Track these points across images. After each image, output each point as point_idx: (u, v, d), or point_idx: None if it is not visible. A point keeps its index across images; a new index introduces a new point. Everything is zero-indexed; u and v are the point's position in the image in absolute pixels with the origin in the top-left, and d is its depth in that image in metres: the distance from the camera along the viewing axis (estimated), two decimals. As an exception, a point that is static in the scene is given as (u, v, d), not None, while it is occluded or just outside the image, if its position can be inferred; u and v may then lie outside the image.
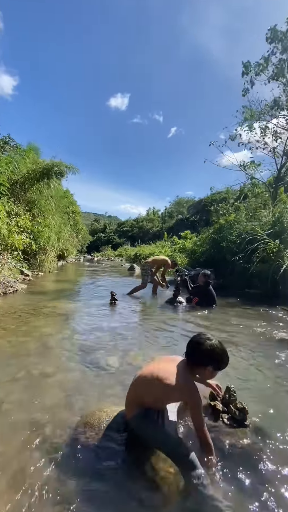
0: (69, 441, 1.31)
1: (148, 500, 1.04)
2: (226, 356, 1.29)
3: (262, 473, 1.17)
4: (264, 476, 1.16)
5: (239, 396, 1.56)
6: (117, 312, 4.22)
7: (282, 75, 9.55)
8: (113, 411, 1.44)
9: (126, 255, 23.89)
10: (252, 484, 1.12)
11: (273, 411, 1.64)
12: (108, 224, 52.91)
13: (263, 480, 1.14)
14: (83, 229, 23.55)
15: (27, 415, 1.50)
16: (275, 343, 2.92)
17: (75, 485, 1.08)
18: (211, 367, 1.27)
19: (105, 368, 2.13)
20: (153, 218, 43.16)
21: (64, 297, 5.22)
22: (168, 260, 5.80)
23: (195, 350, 1.29)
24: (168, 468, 1.17)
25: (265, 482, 1.13)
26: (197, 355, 1.28)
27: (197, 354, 1.28)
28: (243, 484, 1.12)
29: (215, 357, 1.26)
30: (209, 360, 1.26)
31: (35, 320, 3.45)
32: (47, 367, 2.11)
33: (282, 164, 10.74)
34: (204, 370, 1.28)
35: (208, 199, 23.19)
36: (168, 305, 4.81)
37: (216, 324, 3.61)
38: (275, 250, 5.75)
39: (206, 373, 1.29)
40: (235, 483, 1.12)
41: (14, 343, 2.62)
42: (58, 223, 11.46)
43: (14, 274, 6.11)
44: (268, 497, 1.06)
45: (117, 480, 1.11)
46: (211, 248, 8.49)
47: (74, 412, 1.54)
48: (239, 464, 1.21)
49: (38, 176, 8.88)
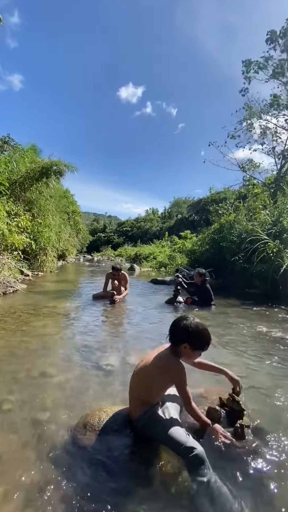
0: (69, 441, 1.31)
1: (152, 500, 1.04)
2: (202, 334, 1.33)
3: (262, 473, 1.17)
4: (264, 476, 1.16)
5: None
6: (117, 312, 4.22)
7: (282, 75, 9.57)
8: (113, 411, 1.44)
9: (126, 255, 23.91)
10: (251, 484, 1.12)
11: (273, 411, 1.64)
12: (108, 224, 52.89)
13: (262, 480, 1.14)
14: (83, 229, 23.54)
15: (27, 415, 1.50)
16: (275, 343, 2.92)
17: (75, 485, 1.08)
18: (188, 344, 1.32)
19: (105, 368, 2.13)
20: (152, 218, 43.18)
21: (64, 297, 5.22)
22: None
23: (172, 331, 1.37)
24: (173, 467, 1.17)
25: (265, 482, 1.13)
26: (175, 335, 1.36)
27: (174, 333, 1.36)
28: (242, 485, 1.12)
29: (190, 334, 1.31)
30: (185, 337, 1.32)
31: (35, 320, 3.45)
32: (47, 367, 2.11)
33: (282, 164, 10.75)
34: (184, 348, 1.33)
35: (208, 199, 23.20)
36: (168, 305, 4.82)
37: (216, 324, 3.61)
38: (275, 250, 5.76)
39: (186, 351, 1.34)
40: (234, 483, 1.12)
41: (14, 343, 2.62)
42: (58, 223, 11.46)
43: (14, 274, 6.11)
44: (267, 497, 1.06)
45: (118, 480, 1.11)
46: (211, 248, 8.50)
47: (74, 412, 1.54)
48: (238, 464, 1.21)
49: (37, 175, 8.87)
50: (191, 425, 1.38)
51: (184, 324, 1.33)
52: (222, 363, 2.34)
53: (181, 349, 1.34)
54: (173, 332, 1.36)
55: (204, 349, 1.36)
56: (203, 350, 1.37)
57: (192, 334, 1.31)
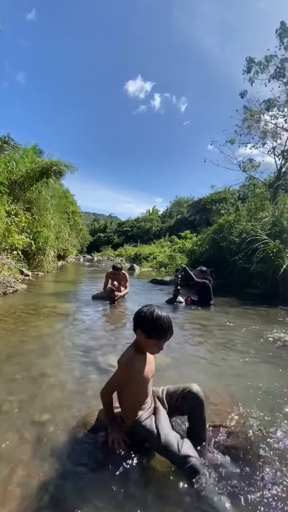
0: (69, 441, 1.31)
1: (149, 501, 1.04)
2: (155, 320, 1.23)
3: (261, 474, 1.17)
4: (263, 477, 1.15)
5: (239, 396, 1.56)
6: (117, 312, 4.22)
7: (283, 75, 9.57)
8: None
9: (126, 255, 23.91)
10: (250, 485, 1.12)
11: (273, 411, 1.63)
12: (108, 224, 52.89)
13: (261, 481, 1.14)
14: (83, 229, 23.54)
15: (27, 415, 1.50)
16: (274, 343, 2.92)
17: (74, 485, 1.08)
18: (140, 330, 1.26)
19: (105, 368, 2.13)
20: (152, 218, 43.19)
21: (64, 297, 5.22)
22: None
23: (133, 318, 1.32)
24: (171, 469, 1.16)
25: (264, 483, 1.13)
26: (133, 321, 1.31)
27: (133, 319, 1.31)
28: (241, 485, 1.12)
29: (142, 318, 1.25)
30: (138, 322, 1.27)
31: (35, 320, 3.45)
32: (47, 367, 2.11)
33: (281, 164, 10.75)
34: (140, 336, 1.27)
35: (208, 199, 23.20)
36: (167, 305, 4.82)
37: (216, 324, 3.61)
38: (275, 250, 5.76)
39: (141, 339, 1.27)
40: (233, 484, 1.12)
41: (14, 343, 2.62)
42: (57, 223, 11.45)
43: (14, 274, 6.10)
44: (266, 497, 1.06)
45: (118, 480, 1.11)
46: (211, 248, 8.50)
47: (74, 412, 1.53)
48: (238, 464, 1.21)
49: (37, 175, 8.87)
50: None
51: (140, 310, 1.29)
52: (222, 363, 2.35)
53: (137, 338, 1.28)
54: (133, 318, 1.31)
55: (159, 338, 1.24)
56: (159, 340, 1.25)
57: (145, 319, 1.24)
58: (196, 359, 2.41)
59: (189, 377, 2.02)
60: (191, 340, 2.96)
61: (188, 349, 2.64)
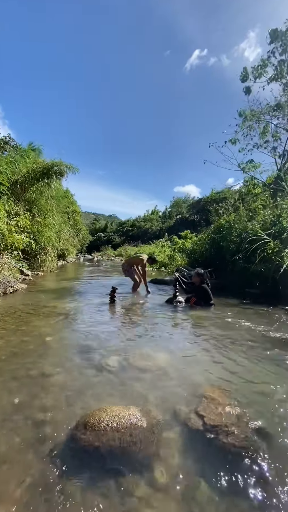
0: (69, 441, 1.31)
1: (150, 501, 1.04)
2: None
3: (260, 473, 1.17)
4: (262, 477, 1.16)
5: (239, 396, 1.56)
6: (117, 312, 4.22)
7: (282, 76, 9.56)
8: (113, 411, 1.44)
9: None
10: (249, 484, 1.12)
11: (272, 410, 1.64)
12: (109, 224, 52.89)
13: (261, 480, 1.14)
14: (83, 229, 23.56)
15: (27, 415, 1.50)
16: (274, 343, 2.92)
17: (75, 485, 1.08)
18: None
19: (104, 368, 2.13)
20: (152, 218, 43.20)
21: (64, 297, 5.22)
22: (143, 258, 5.99)
23: None
24: (172, 470, 1.17)
25: (263, 482, 1.13)
26: None
27: None
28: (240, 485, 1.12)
29: None
30: None
31: (35, 320, 3.45)
32: (47, 367, 2.11)
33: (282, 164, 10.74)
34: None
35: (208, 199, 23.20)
36: (167, 304, 4.82)
37: (216, 324, 3.61)
38: (275, 250, 5.75)
39: None
40: (233, 483, 1.12)
41: (14, 343, 2.62)
42: (58, 223, 11.47)
43: (14, 274, 6.11)
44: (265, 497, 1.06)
45: (118, 480, 1.11)
46: (211, 248, 8.50)
47: (74, 412, 1.54)
48: (237, 464, 1.21)
49: (38, 175, 8.89)
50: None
51: None
52: (221, 362, 2.35)
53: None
54: None
55: None
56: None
57: None
58: (196, 358, 2.41)
59: (188, 376, 2.02)
60: (190, 339, 2.96)
61: (188, 349, 2.64)
